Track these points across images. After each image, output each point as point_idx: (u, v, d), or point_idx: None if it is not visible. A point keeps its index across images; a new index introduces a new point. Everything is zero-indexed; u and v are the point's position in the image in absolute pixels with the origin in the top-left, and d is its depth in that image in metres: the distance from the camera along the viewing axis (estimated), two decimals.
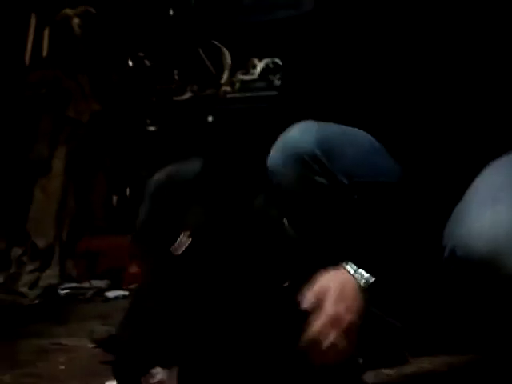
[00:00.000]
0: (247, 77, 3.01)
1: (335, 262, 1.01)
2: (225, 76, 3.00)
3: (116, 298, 2.46)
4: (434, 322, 1.34)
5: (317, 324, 0.96)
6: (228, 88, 2.98)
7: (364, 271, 0.98)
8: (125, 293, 2.43)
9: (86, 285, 2.67)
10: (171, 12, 3.05)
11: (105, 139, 2.96)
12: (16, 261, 2.70)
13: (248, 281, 0.96)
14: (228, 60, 2.99)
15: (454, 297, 1.01)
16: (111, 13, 3.05)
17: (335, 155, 1.17)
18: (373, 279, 0.98)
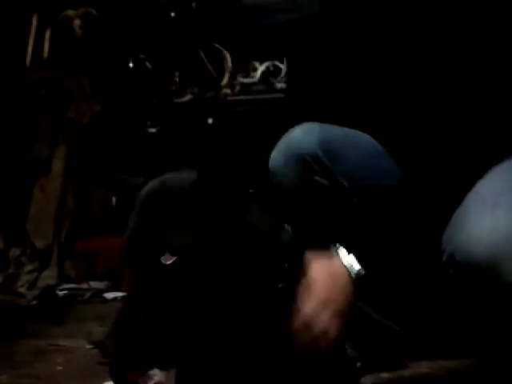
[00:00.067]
0: (247, 79, 3.02)
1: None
2: (225, 78, 3.00)
3: (114, 299, 2.46)
4: (433, 326, 1.34)
5: (308, 307, 0.96)
6: (228, 90, 2.99)
7: (356, 262, 0.98)
8: (124, 294, 2.42)
9: (85, 286, 2.67)
10: (172, 14, 3.06)
11: (105, 140, 2.96)
12: (14, 261, 2.70)
13: (242, 281, 0.96)
14: (229, 63, 3.00)
15: (452, 301, 1.01)
16: (112, 14, 3.05)
17: (337, 157, 1.17)
18: (363, 272, 0.98)
